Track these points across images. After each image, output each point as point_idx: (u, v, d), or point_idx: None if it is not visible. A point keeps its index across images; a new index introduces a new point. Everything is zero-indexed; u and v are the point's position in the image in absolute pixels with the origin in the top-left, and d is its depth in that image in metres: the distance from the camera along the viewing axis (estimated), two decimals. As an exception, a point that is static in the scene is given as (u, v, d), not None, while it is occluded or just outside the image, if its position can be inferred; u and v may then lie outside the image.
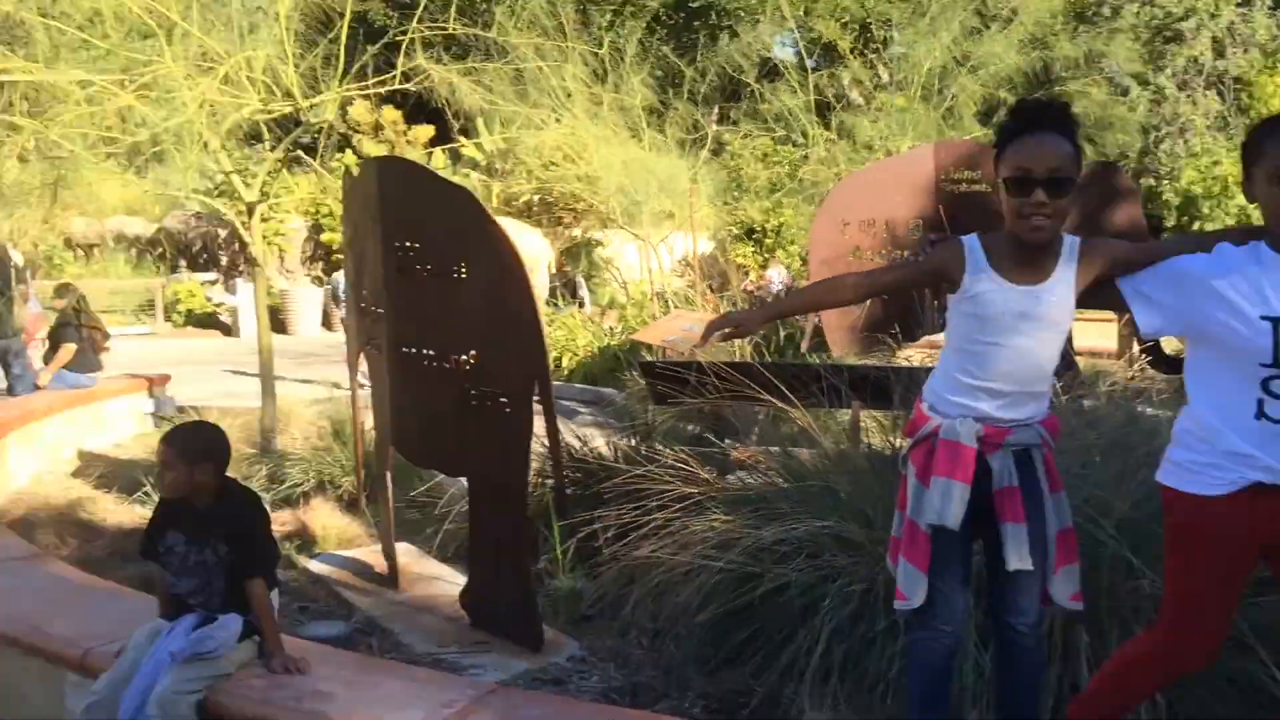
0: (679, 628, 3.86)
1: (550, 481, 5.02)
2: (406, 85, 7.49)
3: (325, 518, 5.76)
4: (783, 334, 9.82)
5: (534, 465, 4.71)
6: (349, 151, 21.20)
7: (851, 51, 17.95)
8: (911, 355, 7.60)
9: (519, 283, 3.89)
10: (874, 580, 3.34)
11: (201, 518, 3.16)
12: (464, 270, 4.02)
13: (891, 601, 2.66)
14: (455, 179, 17.22)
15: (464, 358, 4.05)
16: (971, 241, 2.45)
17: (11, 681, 3.62)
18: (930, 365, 2.78)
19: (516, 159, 18.46)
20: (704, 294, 11.62)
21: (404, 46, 7.34)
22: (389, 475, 4.88)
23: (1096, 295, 2.44)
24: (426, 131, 23.16)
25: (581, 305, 15.88)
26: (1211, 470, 2.25)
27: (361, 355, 5.12)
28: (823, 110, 16.88)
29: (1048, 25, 17.83)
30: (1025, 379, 2.41)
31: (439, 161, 21.56)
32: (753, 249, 18.61)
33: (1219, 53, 19.71)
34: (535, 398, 3.90)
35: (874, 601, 3.25)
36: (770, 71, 17.32)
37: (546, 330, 10.86)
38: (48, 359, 9.28)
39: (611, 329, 12.59)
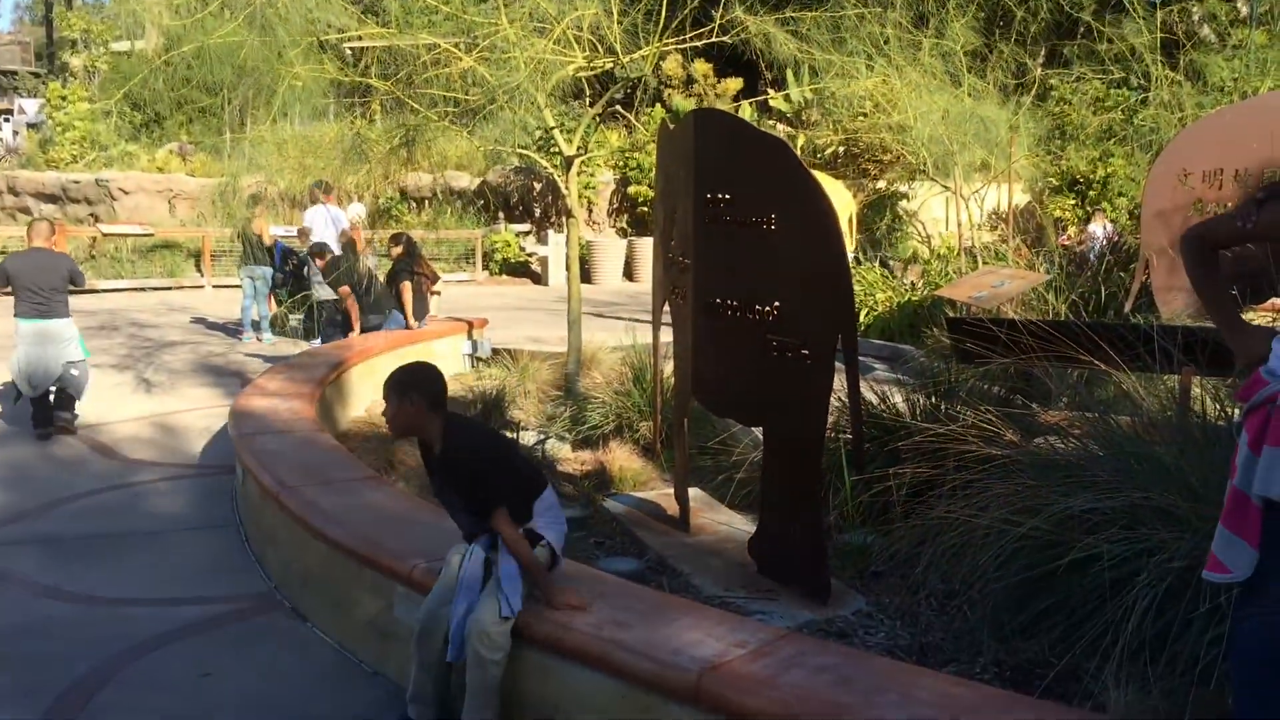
0: (973, 591, 3.72)
1: (845, 435, 4.97)
2: (723, 37, 7.54)
3: (622, 460, 6.00)
4: (1104, 292, 9.15)
5: (830, 418, 4.68)
6: (659, 105, 21.68)
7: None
8: (1255, 318, 6.87)
9: (830, 235, 3.86)
10: (1197, 558, 3.07)
11: (436, 462, 3.37)
12: (774, 221, 4.02)
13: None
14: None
15: (769, 308, 4.06)
16: None
17: (348, 588, 4.04)
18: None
19: (824, 109, 18.15)
20: (1017, 249, 11.01)
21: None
22: (685, 422, 5.00)
23: None
24: (735, 84, 23.26)
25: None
26: None
27: (665, 305, 5.25)
28: (1169, 49, 15.40)
29: None
30: None
31: (746, 113, 21.62)
32: (1074, 201, 17.38)
33: None
34: (838, 350, 3.88)
35: (1196, 580, 2.98)
36: (1113, 6, 15.90)
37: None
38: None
39: (913, 284, 12.19)
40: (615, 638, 2.86)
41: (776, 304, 4.08)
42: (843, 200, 18.56)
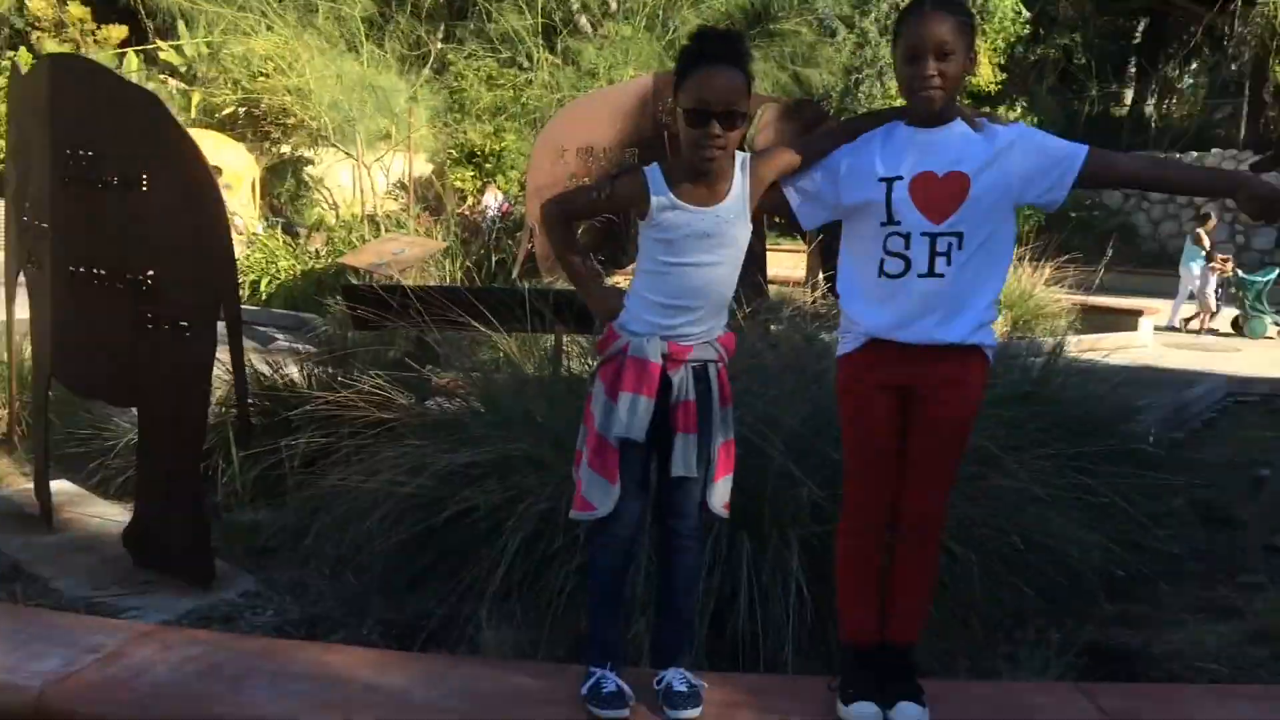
0: (363, 556, 3.78)
1: (233, 410, 4.77)
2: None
3: (-32, 455, 5.23)
4: (494, 260, 9.75)
5: (216, 393, 4.46)
6: (23, 50, 19.06)
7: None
8: (619, 280, 7.74)
9: (205, 197, 3.64)
10: (558, 498, 3.38)
11: None
12: (144, 182, 3.69)
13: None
14: (150, 85, 15.85)
15: (141, 277, 3.73)
16: (653, 170, 2.53)
17: None
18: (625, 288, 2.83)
19: (221, 67, 17.20)
20: (417, 217, 11.32)
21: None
22: (45, 407, 4.46)
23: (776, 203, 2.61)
24: (119, 32, 21.14)
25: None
26: (849, 332, 2.51)
27: (21, 275, 4.63)
28: (549, 34, 16.70)
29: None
30: (710, 296, 2.53)
31: (132, 64, 19.78)
32: (473, 173, 18.29)
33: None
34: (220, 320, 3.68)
35: (555, 519, 3.29)
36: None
37: (245, 252, 10.30)
38: None
39: (318, 252, 12.06)
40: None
41: (150, 272, 3.77)
42: (244, 163, 17.76)
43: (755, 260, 7.75)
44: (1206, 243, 13.95)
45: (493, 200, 13.61)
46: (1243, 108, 20.04)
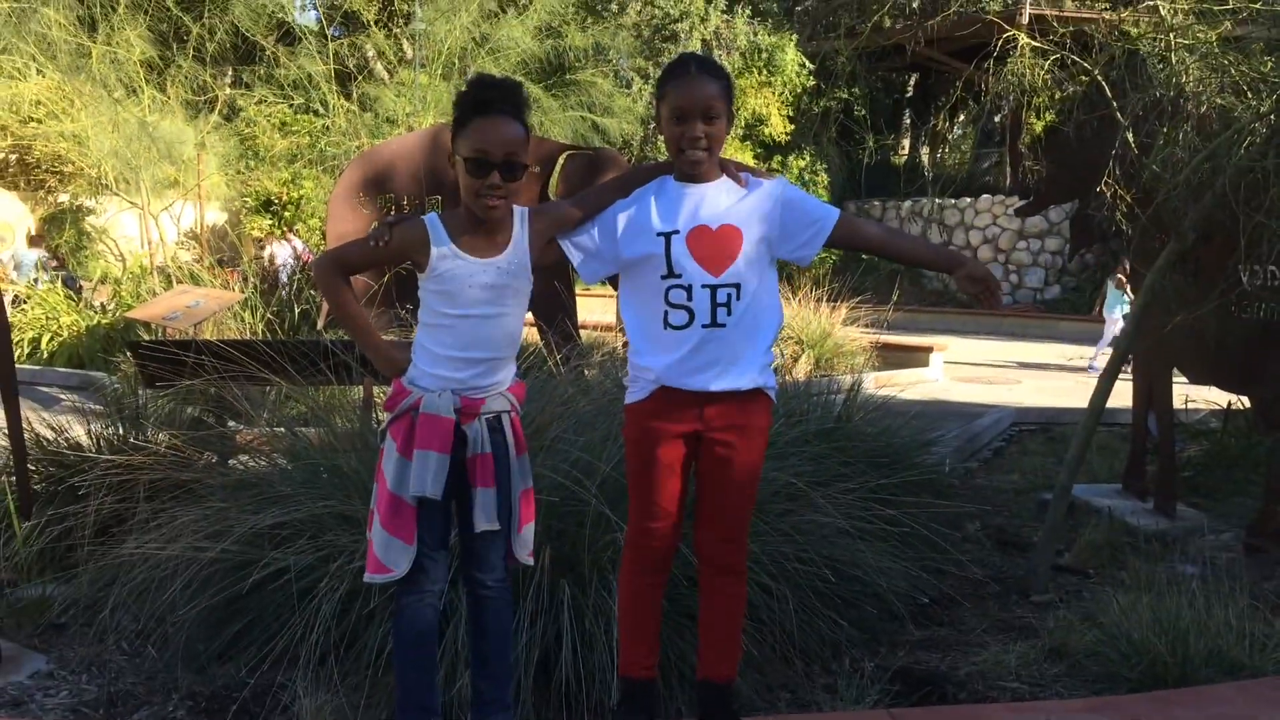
0: (165, 627, 3.56)
1: (10, 478, 4.42)
2: None
3: None
4: (298, 311, 9.45)
5: (-7, 461, 4.14)
6: None
7: (375, 23, 17.64)
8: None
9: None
10: (375, 557, 3.28)
11: None
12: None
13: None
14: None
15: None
16: (432, 220, 2.51)
17: None
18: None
19: (-12, 111, 16.11)
20: (211, 268, 10.86)
21: None
22: None
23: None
24: None
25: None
26: (637, 380, 2.57)
27: None
28: (344, 80, 16.42)
29: (560, 15, 18.68)
30: (495, 346, 2.52)
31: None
32: (271, 221, 17.72)
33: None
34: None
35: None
36: (286, 35, 16.49)
37: (20, 308, 9.62)
38: None
39: (104, 306, 11.38)
40: None
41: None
42: (17, 213, 16.63)
43: (564, 309, 7.82)
44: (1128, 287, 13.90)
45: (288, 249, 13.19)
46: (1006, 157, 21.67)
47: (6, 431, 3.67)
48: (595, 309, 11.33)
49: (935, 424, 7.19)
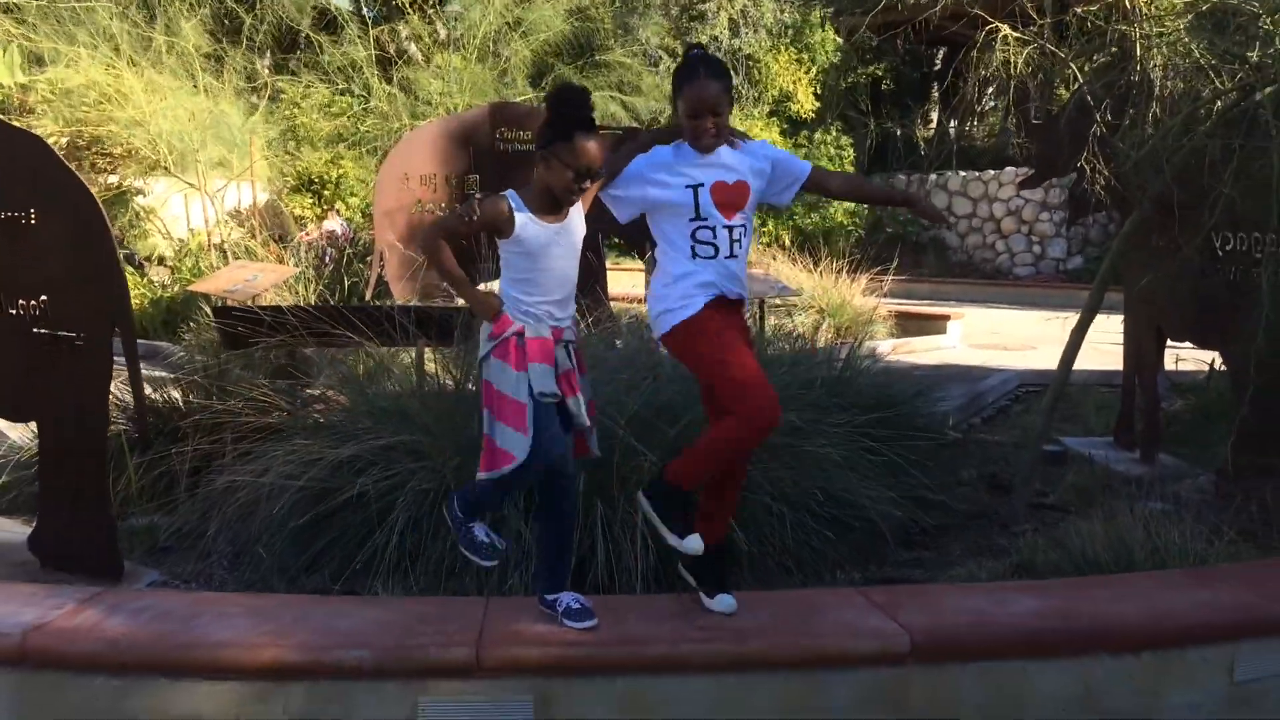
0: (259, 546, 4.21)
1: (120, 424, 5.10)
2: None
3: None
4: (348, 283, 10.11)
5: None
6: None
7: (411, 6, 18.21)
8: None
9: (97, 228, 4.03)
10: (438, 481, 3.92)
11: None
12: (34, 217, 4.05)
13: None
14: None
15: (35, 302, 4.09)
16: (513, 196, 3.14)
17: None
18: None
19: (43, 98, 16.85)
20: (265, 244, 11.53)
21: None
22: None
23: None
24: (-74, 61, 20.36)
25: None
26: (688, 298, 3.16)
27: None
28: (385, 65, 17.03)
29: (590, -2, 19.22)
30: (565, 287, 3.17)
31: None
32: (311, 200, 18.37)
33: (735, 32, 22.23)
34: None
35: (441, 497, 3.83)
36: (330, 24, 17.13)
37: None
38: None
39: (163, 283, 12.10)
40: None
41: (44, 298, 4.13)
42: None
43: (594, 274, 8.40)
44: None
45: (336, 227, 13.85)
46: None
47: (124, 382, 4.31)
48: (624, 282, 11.91)
49: (943, 384, 7.73)
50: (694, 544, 3.06)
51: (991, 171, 21.42)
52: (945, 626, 2.98)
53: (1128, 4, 4.93)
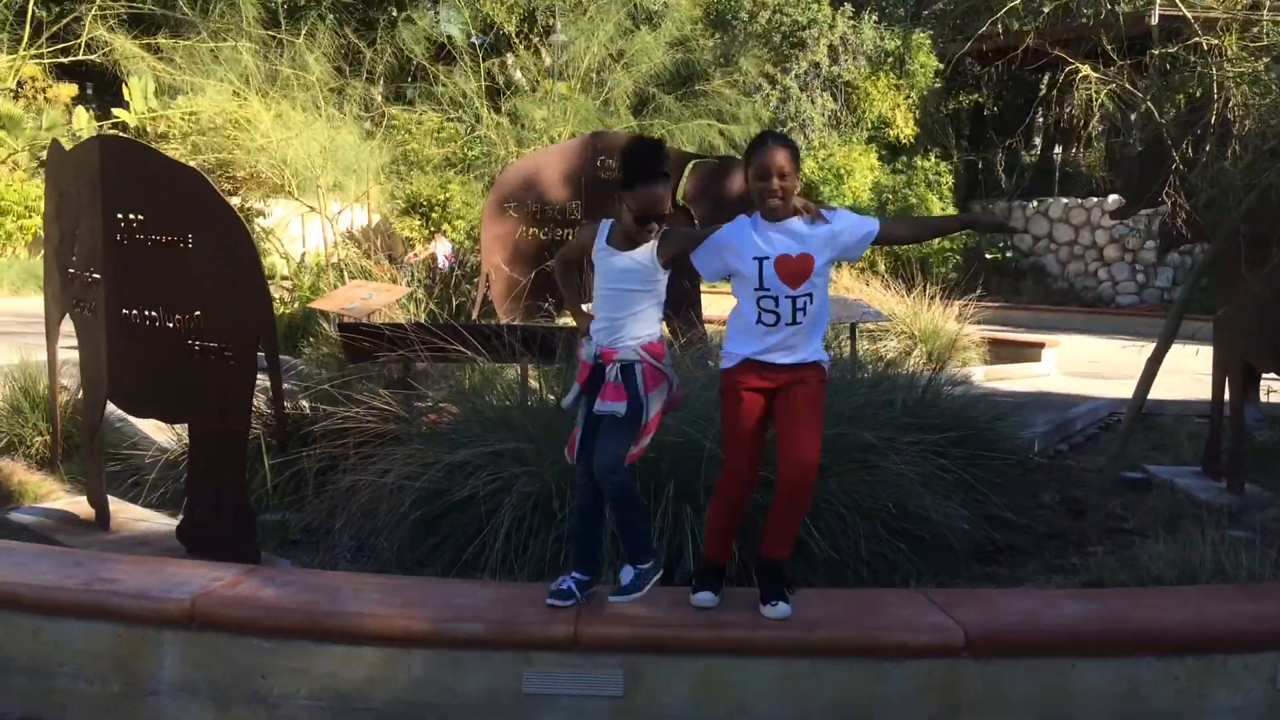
0: (381, 539, 4.66)
1: (255, 429, 5.62)
2: (91, 56, 7.65)
3: (20, 475, 6.01)
4: (455, 303, 10.66)
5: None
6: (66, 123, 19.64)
7: (517, 35, 18.94)
8: (568, 320, 8.70)
9: (244, 251, 4.55)
10: (541, 485, 4.33)
11: None
12: (190, 240, 4.58)
13: (553, 502, 3.81)
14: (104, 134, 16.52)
15: (189, 316, 4.62)
16: (604, 226, 3.61)
17: None
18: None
19: (170, 123, 17.99)
20: (379, 265, 12.20)
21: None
22: (99, 427, 5.29)
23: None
24: (69, 90, 21.86)
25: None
26: (734, 353, 3.55)
27: (62, 319, 5.45)
28: (493, 95, 17.76)
29: (690, 29, 19.72)
30: (614, 311, 3.55)
31: (82, 120, 20.43)
32: (420, 222, 19.19)
33: (834, 59, 22.52)
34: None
35: (543, 499, 4.24)
36: (445, 55, 17.96)
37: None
38: None
39: (282, 300, 12.85)
40: (108, 589, 3.35)
41: (197, 312, 4.66)
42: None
43: (688, 299, 8.77)
44: None
45: (440, 249, 14.53)
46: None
47: (266, 387, 4.81)
48: (719, 305, 12.24)
49: (1031, 410, 7.88)
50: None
51: (1094, 199, 21.21)
52: (998, 623, 3.26)
53: (1206, 46, 5.13)
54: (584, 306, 3.81)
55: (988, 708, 3.19)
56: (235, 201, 20.36)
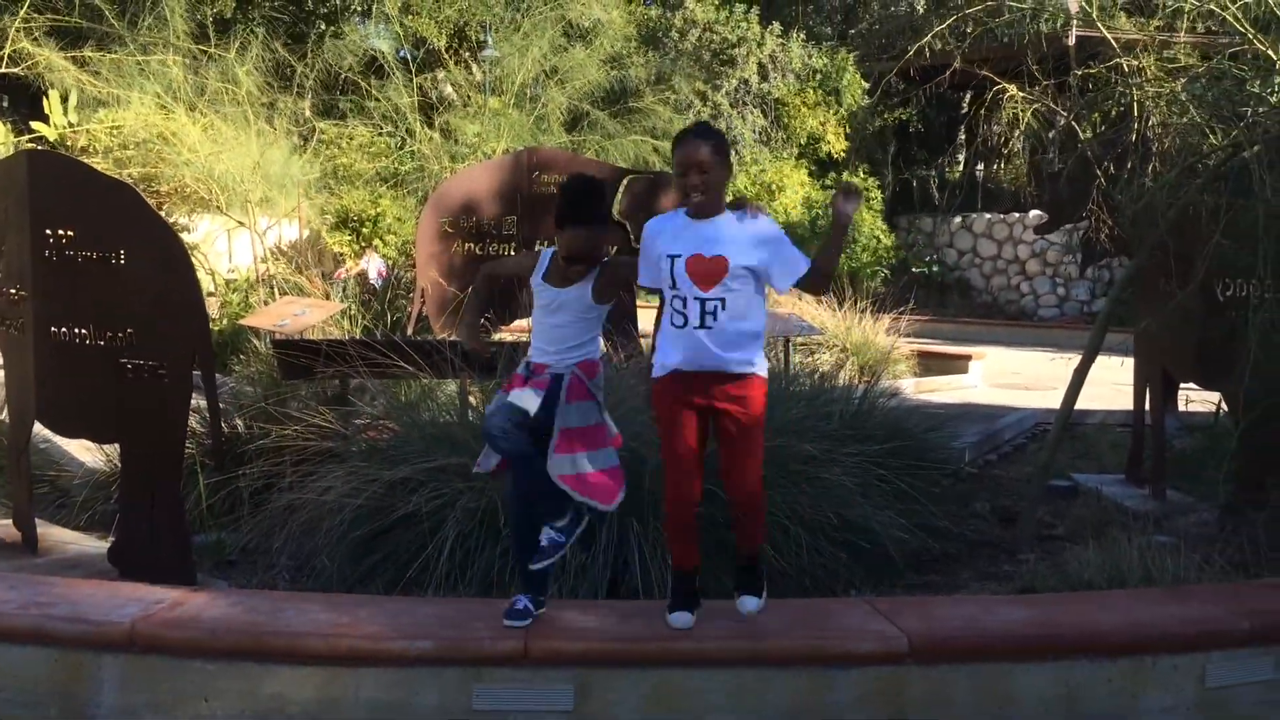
0: (319, 560, 4.60)
1: (189, 449, 5.52)
2: (14, 68, 7.47)
3: (-68, 500, 5.81)
4: (390, 319, 10.57)
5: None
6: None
7: (448, 51, 18.86)
8: (504, 336, 8.69)
9: (180, 266, 4.47)
10: (486, 500, 4.32)
11: None
12: (122, 256, 4.49)
13: (498, 517, 3.85)
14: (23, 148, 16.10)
15: (121, 334, 4.52)
16: (544, 254, 3.63)
17: None
18: (522, 342, 3.91)
19: (93, 136, 17.59)
20: (311, 280, 12.04)
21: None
22: (25, 449, 5.15)
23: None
24: (-14, 103, 21.22)
25: None
26: (662, 364, 3.47)
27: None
28: (426, 110, 17.65)
29: (623, 46, 19.82)
30: (553, 341, 3.58)
31: None
32: (350, 237, 18.93)
33: (764, 77, 22.80)
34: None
35: (487, 515, 4.22)
36: (377, 70, 17.84)
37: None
38: None
39: (210, 317, 12.60)
40: (44, 613, 3.27)
41: (130, 330, 4.57)
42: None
43: (626, 313, 8.80)
44: None
45: (371, 265, 14.39)
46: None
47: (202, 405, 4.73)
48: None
49: (961, 421, 8.04)
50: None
51: (1016, 214, 21.73)
52: (940, 631, 3.33)
53: (1126, 68, 5.31)
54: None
55: (933, 711, 3.26)
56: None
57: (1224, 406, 7.43)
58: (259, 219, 14.35)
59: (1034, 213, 21.09)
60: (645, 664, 3.24)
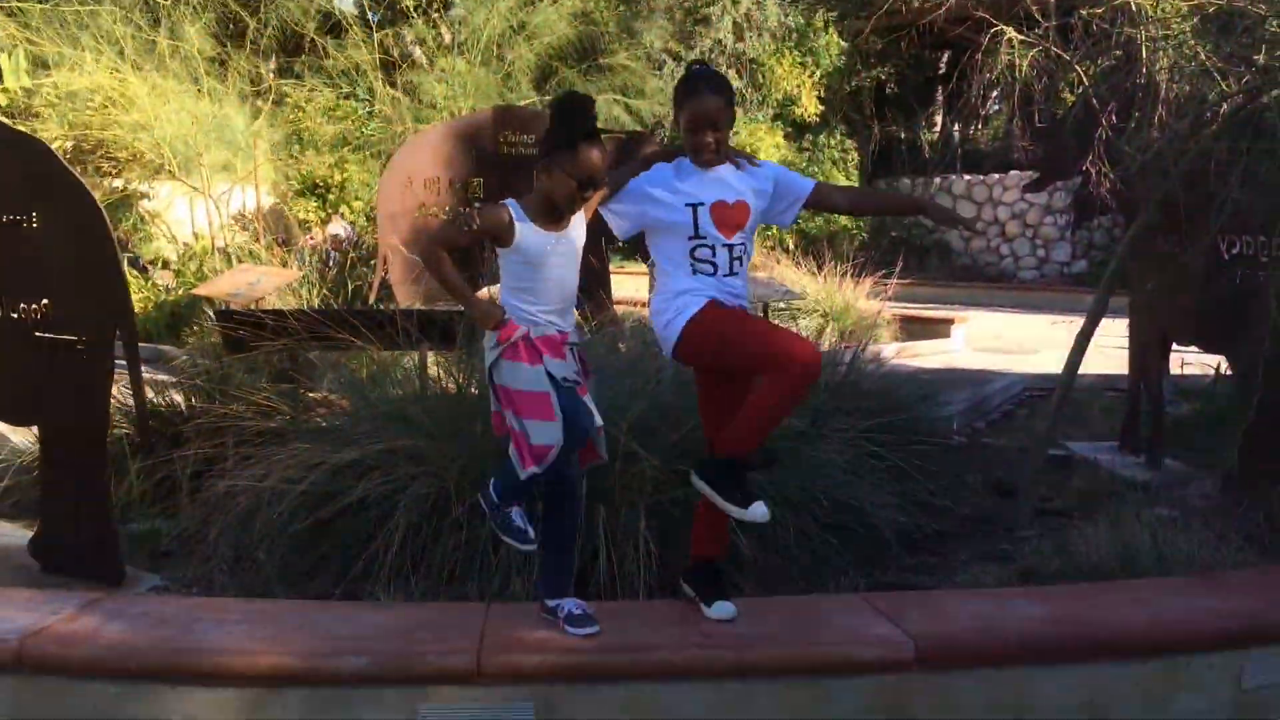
0: (260, 550, 4.19)
1: (122, 428, 5.09)
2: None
3: None
4: (351, 286, 10.11)
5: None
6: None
7: (415, 9, 18.21)
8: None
9: (97, 231, 4.02)
10: (440, 486, 3.91)
11: None
12: (34, 220, 4.04)
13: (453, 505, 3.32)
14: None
15: (36, 306, 4.08)
16: (513, 205, 3.10)
17: None
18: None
19: (48, 102, 16.90)
20: (270, 248, 11.53)
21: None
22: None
23: None
24: (-68, 65, 20.40)
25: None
26: (693, 301, 3.16)
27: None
28: (389, 69, 17.02)
29: (593, 2, 19.22)
30: (565, 297, 3.16)
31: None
32: (316, 204, 18.36)
33: (739, 36, 22.23)
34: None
35: (442, 502, 3.81)
36: (334, 28, 17.17)
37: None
38: None
39: (168, 286, 12.10)
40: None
41: (45, 301, 4.12)
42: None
43: (598, 278, 8.37)
44: None
45: (341, 230, 13.88)
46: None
47: (126, 385, 4.30)
48: (628, 285, 11.90)
49: (947, 389, 7.70)
50: (759, 510, 3.04)
51: (996, 175, 21.39)
52: (950, 634, 2.96)
53: (1133, 6, 4.90)
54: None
55: (939, 724, 2.89)
56: (118, 184, 19.32)
57: (1227, 370, 7.15)
58: (217, 185, 13.78)
59: (1014, 173, 20.77)
60: (615, 678, 2.84)
